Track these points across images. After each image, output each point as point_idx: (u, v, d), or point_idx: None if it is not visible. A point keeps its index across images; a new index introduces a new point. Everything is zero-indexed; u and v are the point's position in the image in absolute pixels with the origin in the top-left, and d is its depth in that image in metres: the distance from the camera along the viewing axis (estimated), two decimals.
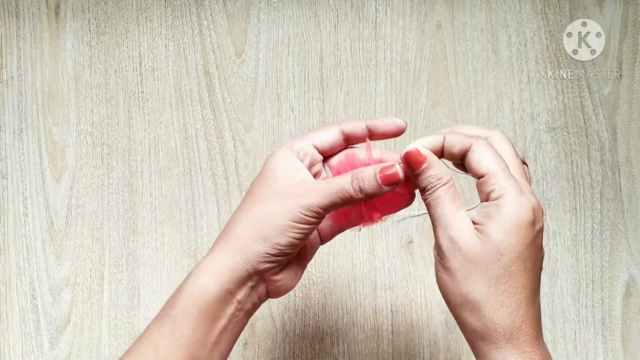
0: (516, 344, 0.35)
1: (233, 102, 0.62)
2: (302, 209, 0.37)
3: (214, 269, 0.38)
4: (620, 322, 0.60)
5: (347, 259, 0.60)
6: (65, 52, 0.63)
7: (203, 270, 0.38)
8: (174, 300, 0.38)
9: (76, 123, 0.62)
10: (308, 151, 0.40)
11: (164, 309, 0.39)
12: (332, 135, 0.41)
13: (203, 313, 0.37)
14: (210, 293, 0.37)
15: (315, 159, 0.41)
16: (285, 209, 0.37)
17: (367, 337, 0.60)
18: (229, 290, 0.38)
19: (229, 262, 0.38)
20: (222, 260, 0.38)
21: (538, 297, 0.37)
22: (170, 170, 0.62)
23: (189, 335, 0.37)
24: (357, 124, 0.41)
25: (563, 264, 0.61)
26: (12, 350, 0.60)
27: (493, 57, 0.63)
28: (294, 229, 0.37)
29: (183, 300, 0.38)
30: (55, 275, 0.60)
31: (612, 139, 0.62)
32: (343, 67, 0.62)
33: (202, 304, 0.37)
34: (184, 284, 0.39)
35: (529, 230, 0.35)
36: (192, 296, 0.38)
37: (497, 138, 0.38)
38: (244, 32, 0.63)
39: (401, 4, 0.63)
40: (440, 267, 0.37)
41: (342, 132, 0.41)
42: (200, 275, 0.38)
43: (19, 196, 0.61)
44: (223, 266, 0.38)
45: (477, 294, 0.35)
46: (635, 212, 0.61)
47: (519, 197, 0.35)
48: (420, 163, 0.37)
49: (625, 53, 0.63)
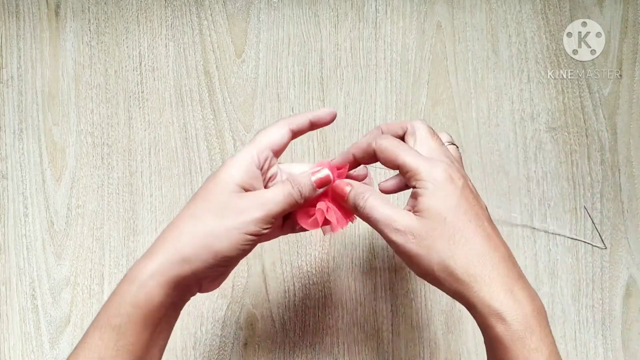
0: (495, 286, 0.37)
1: (233, 102, 0.62)
2: (258, 221, 0.39)
3: (161, 278, 0.38)
4: (621, 322, 0.60)
5: (347, 259, 0.60)
6: (65, 52, 0.63)
7: (149, 277, 0.38)
8: (117, 308, 0.38)
9: (76, 123, 0.62)
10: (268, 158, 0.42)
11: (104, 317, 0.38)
12: (285, 135, 0.43)
13: (148, 320, 0.38)
14: (156, 302, 0.38)
15: (272, 163, 0.43)
16: (241, 224, 0.39)
17: (367, 337, 0.60)
18: (174, 300, 0.39)
19: (176, 272, 0.38)
20: (169, 268, 0.38)
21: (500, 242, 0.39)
22: (170, 170, 0.62)
23: (134, 342, 0.38)
24: (303, 121, 0.44)
25: (563, 264, 0.61)
26: (12, 350, 0.60)
27: (493, 57, 0.63)
28: (246, 242, 0.39)
29: (128, 309, 0.37)
30: (55, 275, 0.60)
31: (612, 139, 0.62)
32: (343, 67, 0.62)
33: (147, 313, 0.38)
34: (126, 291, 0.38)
35: (453, 186, 0.39)
36: (138, 306, 0.37)
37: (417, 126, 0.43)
38: (244, 32, 0.63)
39: (401, 4, 0.63)
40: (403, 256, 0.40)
41: (290, 130, 0.43)
42: (147, 282, 0.38)
43: (19, 196, 0.61)
44: (170, 275, 0.38)
45: (443, 258, 0.38)
46: (635, 212, 0.61)
47: (430, 168, 0.39)
48: (344, 194, 0.42)
49: (625, 53, 0.63)
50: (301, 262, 0.60)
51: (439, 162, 0.40)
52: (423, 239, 0.38)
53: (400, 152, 0.40)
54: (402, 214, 0.39)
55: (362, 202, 0.41)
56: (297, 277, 0.60)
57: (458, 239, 0.38)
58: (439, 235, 0.38)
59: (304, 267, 0.60)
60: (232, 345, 0.60)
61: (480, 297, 0.37)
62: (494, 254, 0.38)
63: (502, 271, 0.37)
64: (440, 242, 0.38)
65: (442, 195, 0.38)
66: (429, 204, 0.38)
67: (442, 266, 0.38)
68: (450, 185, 0.39)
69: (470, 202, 0.39)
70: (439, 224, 0.38)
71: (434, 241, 0.38)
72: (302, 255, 0.61)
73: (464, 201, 0.39)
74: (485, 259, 0.37)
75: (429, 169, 0.39)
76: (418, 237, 0.38)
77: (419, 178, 0.39)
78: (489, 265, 0.37)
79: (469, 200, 0.39)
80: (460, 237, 0.38)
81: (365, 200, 0.41)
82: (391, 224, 0.39)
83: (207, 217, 0.39)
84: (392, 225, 0.39)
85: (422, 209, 0.39)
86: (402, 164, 0.40)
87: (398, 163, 0.40)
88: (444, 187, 0.39)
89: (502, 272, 0.37)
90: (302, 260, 0.60)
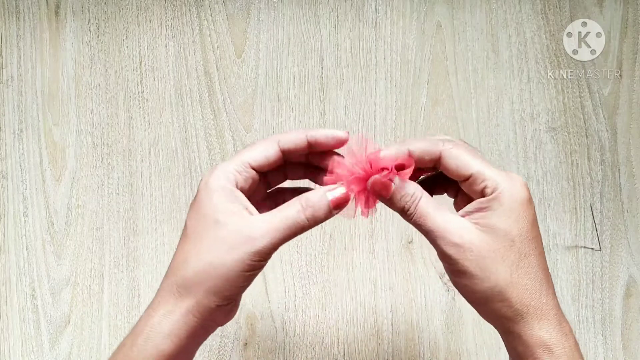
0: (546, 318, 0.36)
1: (233, 102, 0.62)
2: (253, 256, 0.35)
3: (167, 329, 0.36)
4: (621, 322, 0.60)
5: (347, 259, 0.60)
6: (65, 52, 0.63)
7: (156, 331, 0.36)
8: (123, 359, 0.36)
9: (76, 123, 0.62)
10: (242, 173, 0.38)
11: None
12: (270, 151, 0.38)
13: None
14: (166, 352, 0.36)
15: (252, 179, 0.38)
16: (235, 260, 0.35)
17: (367, 337, 0.60)
18: (186, 346, 0.37)
19: (182, 320, 0.36)
20: (174, 319, 0.36)
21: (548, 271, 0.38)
22: (170, 170, 0.61)
23: None
24: (297, 139, 0.38)
25: (563, 264, 0.61)
26: (12, 350, 0.60)
27: (493, 57, 0.63)
28: (245, 278, 0.36)
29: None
30: (55, 275, 0.60)
31: (612, 139, 0.62)
32: (343, 67, 0.62)
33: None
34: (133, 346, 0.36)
35: (530, 209, 0.36)
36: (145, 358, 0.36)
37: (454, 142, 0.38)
38: (244, 32, 0.63)
39: (401, 4, 0.63)
40: (454, 273, 0.37)
41: (280, 148, 0.38)
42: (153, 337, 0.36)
43: (19, 196, 0.61)
44: (176, 325, 0.36)
45: (501, 284, 0.35)
46: (635, 212, 0.61)
47: (511, 183, 0.36)
48: (388, 189, 0.37)
49: (625, 53, 0.63)
50: (301, 262, 0.60)
51: (517, 177, 0.36)
52: (483, 257, 0.35)
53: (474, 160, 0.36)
54: (461, 225, 0.36)
55: (412, 207, 0.36)
56: (297, 277, 0.60)
57: (522, 266, 0.35)
58: (502, 257, 0.35)
59: (304, 267, 0.60)
60: (232, 345, 0.60)
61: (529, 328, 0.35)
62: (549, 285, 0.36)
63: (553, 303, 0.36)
64: (502, 265, 0.35)
65: (516, 216, 0.35)
66: (499, 222, 0.35)
67: (497, 291, 0.35)
68: (527, 206, 0.36)
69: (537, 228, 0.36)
70: (505, 246, 0.35)
71: (495, 263, 0.35)
72: (302, 255, 0.61)
73: (535, 226, 0.36)
74: (542, 289, 0.36)
75: (509, 185, 0.35)
76: (477, 255, 0.35)
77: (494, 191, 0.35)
78: (544, 296, 0.36)
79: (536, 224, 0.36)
80: (524, 264, 0.35)
81: (417, 206, 0.36)
82: (448, 236, 0.35)
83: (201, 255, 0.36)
84: (449, 238, 0.35)
85: (489, 224, 0.35)
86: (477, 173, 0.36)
87: (471, 172, 0.36)
88: (520, 208, 0.35)
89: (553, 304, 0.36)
90: (302, 260, 0.60)
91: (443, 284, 0.60)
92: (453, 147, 0.37)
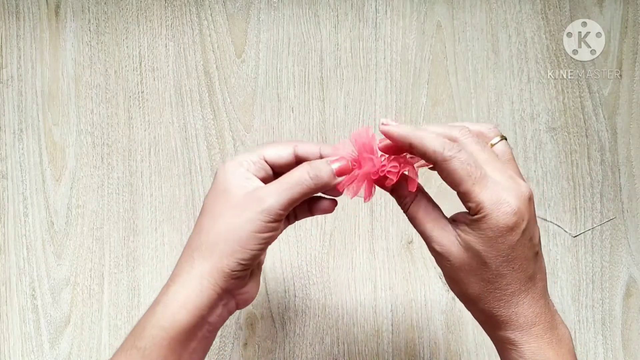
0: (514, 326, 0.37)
1: (233, 102, 0.62)
2: (262, 215, 0.37)
3: (183, 297, 0.37)
4: (621, 322, 0.60)
5: (347, 259, 0.60)
6: (65, 52, 0.63)
7: (171, 299, 0.37)
8: (141, 331, 0.37)
9: (76, 123, 0.62)
10: (257, 163, 0.40)
11: (130, 339, 0.38)
12: (285, 152, 0.41)
13: (173, 342, 0.37)
14: (182, 322, 0.37)
15: (265, 172, 0.41)
16: (245, 221, 0.37)
17: (367, 337, 0.60)
18: (201, 316, 0.38)
19: (197, 287, 0.37)
20: (190, 286, 0.37)
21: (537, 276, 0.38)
22: (170, 170, 0.62)
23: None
24: (312, 150, 0.41)
25: (563, 264, 0.61)
26: (12, 350, 0.60)
27: (493, 57, 0.63)
28: (257, 240, 0.38)
29: (152, 332, 0.37)
30: (55, 275, 0.60)
31: (612, 139, 0.62)
32: (343, 67, 0.62)
33: (173, 335, 0.37)
34: (151, 315, 0.37)
35: (511, 235, 0.35)
36: (162, 328, 0.37)
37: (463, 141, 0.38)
38: (244, 32, 0.63)
39: (401, 4, 0.63)
40: (441, 269, 0.39)
41: (295, 152, 0.41)
42: (170, 305, 0.37)
43: (19, 196, 0.61)
44: (192, 293, 0.37)
45: (472, 292, 0.38)
46: (635, 212, 0.61)
47: (496, 208, 0.35)
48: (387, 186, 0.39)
49: (625, 53, 0.63)
50: (301, 262, 0.60)
51: (506, 203, 0.35)
52: (458, 269, 0.37)
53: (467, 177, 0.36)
54: (443, 234, 0.37)
55: (404, 208, 0.39)
56: (297, 277, 0.60)
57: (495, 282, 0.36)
58: (474, 272, 0.37)
59: (304, 267, 0.60)
60: (232, 345, 0.60)
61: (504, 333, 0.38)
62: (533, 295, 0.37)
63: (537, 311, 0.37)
64: (474, 278, 0.37)
65: (493, 242, 0.35)
66: (476, 244, 0.36)
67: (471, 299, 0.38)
68: (510, 233, 0.35)
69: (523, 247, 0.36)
70: (479, 266, 0.36)
71: (468, 275, 0.37)
72: (302, 255, 0.61)
73: (518, 247, 0.36)
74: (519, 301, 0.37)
75: (494, 210, 0.35)
76: (453, 266, 0.37)
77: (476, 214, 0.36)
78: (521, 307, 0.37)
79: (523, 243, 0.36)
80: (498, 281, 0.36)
81: (407, 210, 0.39)
82: (430, 242, 0.38)
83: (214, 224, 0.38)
84: (431, 245, 0.38)
85: (467, 243, 0.36)
86: (463, 194, 0.36)
87: (459, 190, 0.36)
88: (499, 236, 0.35)
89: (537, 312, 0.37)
90: (302, 260, 0.60)
91: (443, 284, 0.60)
92: (453, 159, 0.36)
